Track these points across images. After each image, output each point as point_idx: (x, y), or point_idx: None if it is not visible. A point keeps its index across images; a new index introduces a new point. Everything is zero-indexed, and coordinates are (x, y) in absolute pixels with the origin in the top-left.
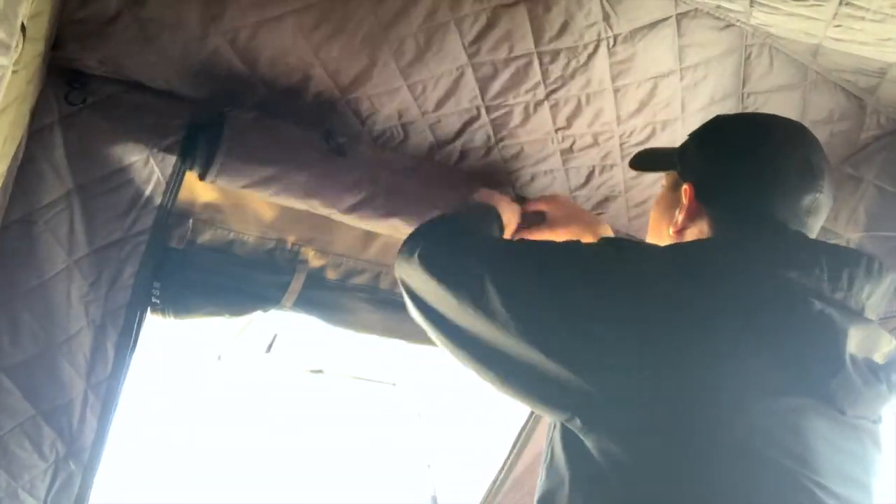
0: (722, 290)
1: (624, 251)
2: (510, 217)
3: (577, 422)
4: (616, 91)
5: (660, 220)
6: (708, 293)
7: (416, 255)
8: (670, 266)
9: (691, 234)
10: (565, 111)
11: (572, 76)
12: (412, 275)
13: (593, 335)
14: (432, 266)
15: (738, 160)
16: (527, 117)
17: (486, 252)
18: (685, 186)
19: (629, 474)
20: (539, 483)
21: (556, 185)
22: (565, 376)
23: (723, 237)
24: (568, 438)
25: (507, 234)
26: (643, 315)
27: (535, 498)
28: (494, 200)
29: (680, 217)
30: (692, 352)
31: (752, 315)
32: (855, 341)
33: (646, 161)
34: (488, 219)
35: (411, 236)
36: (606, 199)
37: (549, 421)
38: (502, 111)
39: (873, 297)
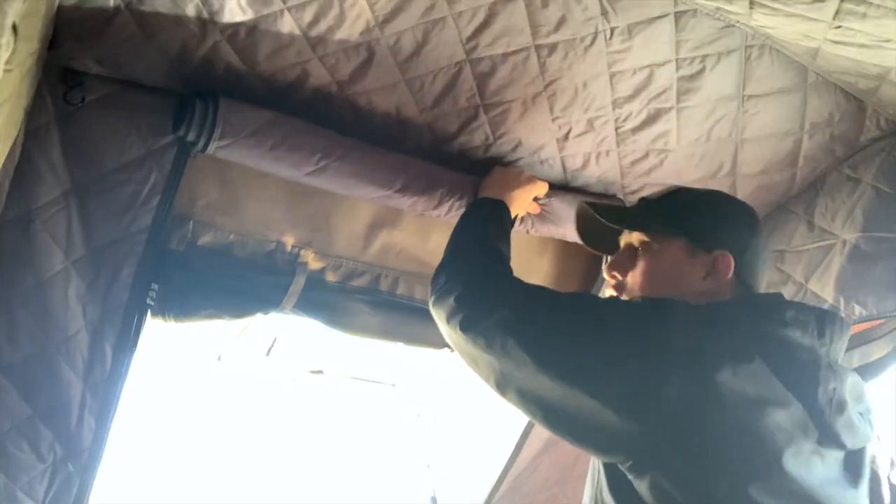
0: (747, 344)
1: (660, 309)
2: (519, 204)
3: (630, 464)
4: (612, 76)
5: (675, 283)
6: (739, 349)
7: (452, 320)
8: (705, 324)
9: (715, 298)
10: (562, 100)
11: (570, 67)
12: (453, 339)
13: (647, 386)
14: (469, 332)
15: (755, 236)
16: (525, 111)
17: (517, 311)
18: (720, 255)
19: None
20: None
21: (554, 173)
22: (617, 422)
23: (742, 301)
24: (616, 481)
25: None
26: (685, 367)
27: None
28: (502, 186)
29: (711, 284)
30: (731, 401)
31: (778, 369)
32: (848, 387)
33: (623, 218)
34: (498, 216)
35: (439, 286)
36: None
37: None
38: (501, 108)
39: (841, 350)
